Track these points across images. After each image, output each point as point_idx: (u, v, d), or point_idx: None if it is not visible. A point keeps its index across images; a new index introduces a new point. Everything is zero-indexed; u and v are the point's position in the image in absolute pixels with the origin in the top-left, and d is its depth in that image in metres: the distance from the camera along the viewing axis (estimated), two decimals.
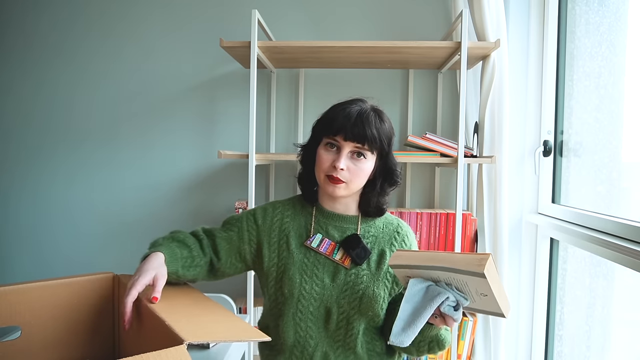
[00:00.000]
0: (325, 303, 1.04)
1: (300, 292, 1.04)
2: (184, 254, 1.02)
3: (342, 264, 1.05)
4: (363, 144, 1.01)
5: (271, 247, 1.09)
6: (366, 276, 1.05)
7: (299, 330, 1.05)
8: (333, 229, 1.09)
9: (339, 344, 1.06)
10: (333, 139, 1.02)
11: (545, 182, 1.85)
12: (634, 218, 1.30)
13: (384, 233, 1.11)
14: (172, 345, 0.64)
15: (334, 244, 1.07)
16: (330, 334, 1.05)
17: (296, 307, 1.05)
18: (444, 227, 1.82)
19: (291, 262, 1.06)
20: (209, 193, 2.15)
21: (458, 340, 1.82)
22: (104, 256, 2.19)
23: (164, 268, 0.95)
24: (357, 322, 1.05)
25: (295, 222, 1.11)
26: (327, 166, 1.02)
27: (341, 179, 1.01)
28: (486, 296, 0.80)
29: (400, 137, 2.08)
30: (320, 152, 1.04)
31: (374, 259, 1.07)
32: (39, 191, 2.21)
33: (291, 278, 1.04)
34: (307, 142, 1.12)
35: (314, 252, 1.07)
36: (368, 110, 1.04)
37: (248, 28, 1.67)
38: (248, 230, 1.11)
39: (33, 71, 2.18)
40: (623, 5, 1.47)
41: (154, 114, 2.16)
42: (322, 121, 1.07)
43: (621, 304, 1.50)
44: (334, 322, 1.05)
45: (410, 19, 2.06)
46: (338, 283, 1.04)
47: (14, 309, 0.90)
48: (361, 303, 1.03)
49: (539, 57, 1.86)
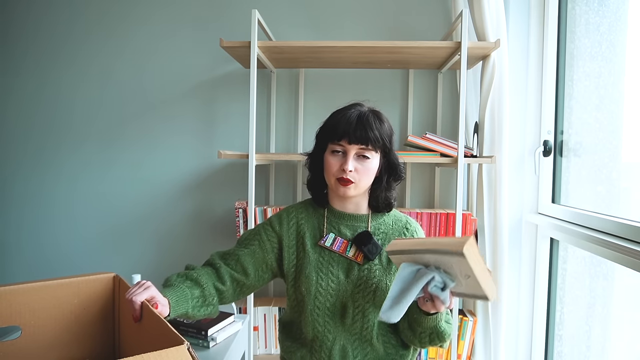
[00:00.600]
0: (341, 298, 1.10)
1: (317, 289, 1.10)
2: (195, 294, 1.03)
3: (355, 260, 1.11)
4: (367, 145, 1.07)
5: (290, 250, 1.15)
6: (378, 270, 1.10)
7: (317, 325, 1.10)
8: (345, 227, 1.15)
9: (355, 337, 1.10)
10: (338, 144, 1.08)
11: (545, 182, 1.85)
12: (634, 218, 1.30)
13: (393, 229, 1.16)
14: (173, 346, 0.64)
15: (346, 241, 1.13)
16: (347, 328, 1.10)
17: (314, 303, 1.10)
18: (444, 227, 1.82)
19: (307, 262, 1.12)
20: (209, 193, 2.15)
21: (458, 340, 1.82)
22: (104, 256, 2.19)
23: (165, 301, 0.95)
24: (372, 315, 1.09)
25: (309, 224, 1.17)
26: (336, 170, 1.08)
27: (351, 179, 1.07)
28: (469, 277, 0.85)
29: (400, 137, 2.08)
30: (328, 158, 1.10)
31: (385, 254, 1.12)
32: (39, 191, 2.21)
33: (308, 276, 1.10)
34: (312, 150, 1.18)
35: (328, 251, 1.13)
36: (367, 113, 1.10)
37: (248, 28, 1.67)
38: (269, 240, 1.16)
39: (34, 72, 2.18)
40: (623, 5, 1.48)
41: (154, 114, 2.16)
42: (324, 129, 1.13)
43: (621, 303, 1.50)
44: (350, 316, 1.09)
45: (410, 19, 2.06)
46: (352, 279, 1.10)
47: (14, 309, 0.90)
48: (375, 296, 1.08)
49: (539, 57, 1.86)
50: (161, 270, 2.16)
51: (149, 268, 2.16)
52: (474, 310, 1.90)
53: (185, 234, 2.17)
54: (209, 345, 1.29)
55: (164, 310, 0.93)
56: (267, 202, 2.13)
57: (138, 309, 0.86)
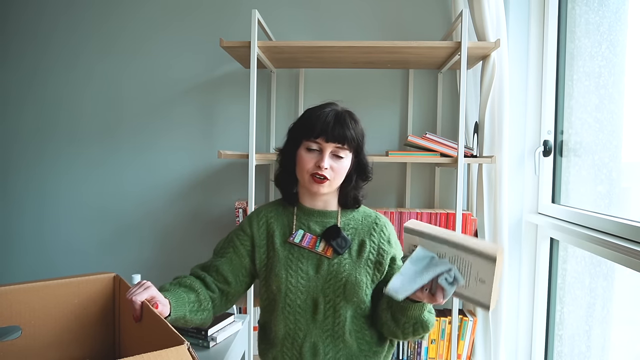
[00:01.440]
0: (311, 294, 1.10)
1: (287, 286, 1.10)
2: (191, 299, 1.04)
3: (324, 254, 1.11)
4: (343, 144, 1.09)
5: (261, 249, 1.16)
6: (348, 264, 1.11)
7: (288, 323, 1.11)
8: (315, 224, 1.16)
9: (327, 334, 1.10)
10: (314, 142, 1.09)
11: (545, 182, 1.85)
12: (634, 218, 1.30)
13: (362, 225, 1.17)
14: (173, 345, 0.64)
15: (315, 237, 1.14)
16: (319, 324, 1.10)
17: (284, 301, 1.10)
18: (444, 227, 1.82)
19: (277, 260, 1.12)
20: (209, 193, 2.15)
21: (458, 340, 1.82)
22: (104, 256, 2.19)
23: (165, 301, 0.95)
24: (344, 309, 1.10)
25: (279, 222, 1.18)
26: (311, 166, 1.09)
27: (327, 176, 1.09)
28: (484, 283, 0.85)
29: (400, 137, 2.09)
30: (302, 155, 1.11)
31: (355, 248, 1.14)
32: (39, 191, 2.21)
33: (277, 274, 1.10)
34: (284, 146, 1.18)
35: (297, 248, 1.13)
36: (342, 112, 1.11)
37: (248, 28, 1.67)
38: (242, 245, 1.16)
39: (35, 73, 2.18)
40: (623, 5, 1.48)
41: (154, 114, 2.16)
42: (300, 126, 1.14)
43: (621, 303, 1.50)
44: (322, 312, 1.10)
45: (410, 19, 2.06)
46: (322, 273, 1.10)
47: (14, 309, 0.90)
48: (345, 289, 1.09)
49: (539, 57, 1.86)
50: (161, 270, 2.16)
51: (149, 268, 2.16)
52: (474, 311, 1.90)
53: (186, 234, 2.17)
54: (209, 345, 1.29)
55: (164, 310, 0.93)
56: (267, 202, 2.12)
57: (138, 309, 0.86)
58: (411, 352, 1.88)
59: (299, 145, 1.13)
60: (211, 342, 1.28)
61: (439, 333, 1.86)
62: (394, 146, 2.08)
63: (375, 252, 1.14)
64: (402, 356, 1.88)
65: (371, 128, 2.08)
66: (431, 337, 1.86)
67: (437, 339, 1.86)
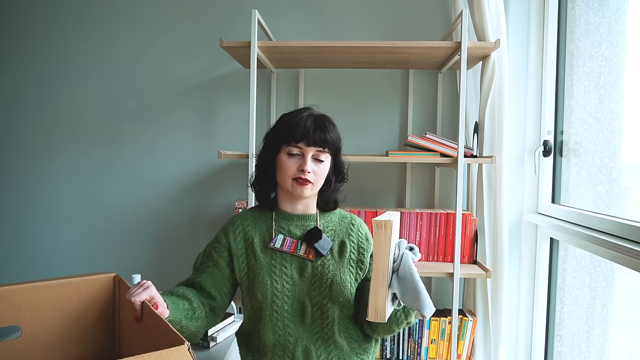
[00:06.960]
0: (298, 298, 1.10)
1: (273, 292, 1.09)
2: (186, 306, 1.04)
3: (307, 257, 1.12)
4: (324, 148, 1.12)
5: (240, 258, 1.15)
6: (332, 265, 1.12)
7: (277, 330, 1.10)
8: (295, 228, 1.17)
9: (317, 336, 1.11)
10: (295, 147, 1.11)
11: (545, 182, 1.85)
12: (633, 218, 1.30)
13: (340, 226, 1.21)
14: (173, 346, 0.64)
15: (296, 241, 1.15)
16: (308, 327, 1.10)
17: (271, 308, 1.10)
18: (444, 227, 1.82)
19: (259, 267, 1.11)
20: (209, 193, 2.15)
21: (458, 340, 1.82)
22: (104, 256, 2.19)
23: (164, 303, 0.96)
24: (331, 311, 1.10)
25: (257, 229, 1.17)
26: (294, 171, 1.11)
27: (309, 180, 1.11)
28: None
29: (400, 137, 2.09)
30: (283, 160, 1.12)
31: (336, 249, 1.16)
32: (39, 191, 2.21)
33: (262, 282, 1.10)
34: (262, 152, 1.19)
35: (279, 253, 1.13)
36: (320, 117, 1.15)
37: (248, 28, 1.67)
38: (220, 257, 1.15)
39: (34, 73, 2.18)
40: (623, 5, 1.48)
41: (154, 114, 2.16)
42: (278, 132, 1.15)
43: (621, 303, 1.50)
44: (309, 315, 1.10)
45: (410, 19, 2.06)
46: (307, 277, 1.11)
47: (14, 309, 0.90)
48: (331, 290, 1.10)
49: (539, 57, 1.86)
50: (161, 270, 2.16)
51: (149, 268, 2.16)
52: (474, 310, 1.90)
53: (186, 234, 2.17)
54: (209, 345, 1.29)
55: (164, 312, 0.93)
56: None
57: (139, 309, 0.86)
58: (411, 352, 1.88)
59: (278, 150, 1.13)
60: (211, 342, 1.29)
61: (439, 333, 1.86)
62: (394, 146, 2.08)
63: (355, 251, 1.16)
64: (402, 356, 1.88)
65: (371, 128, 2.09)
66: (431, 337, 1.86)
67: (437, 339, 1.86)
